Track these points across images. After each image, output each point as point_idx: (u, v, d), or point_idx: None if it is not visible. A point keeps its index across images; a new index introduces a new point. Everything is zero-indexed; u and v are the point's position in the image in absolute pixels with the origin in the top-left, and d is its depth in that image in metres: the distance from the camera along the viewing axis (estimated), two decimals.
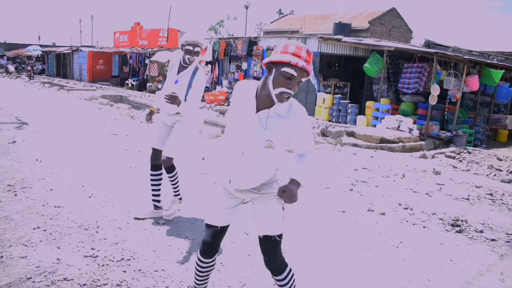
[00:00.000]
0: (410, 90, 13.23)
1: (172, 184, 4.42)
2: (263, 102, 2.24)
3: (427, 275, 3.56)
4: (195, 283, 2.66)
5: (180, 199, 4.51)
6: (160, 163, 4.31)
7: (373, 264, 3.69)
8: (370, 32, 29.87)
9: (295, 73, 2.12)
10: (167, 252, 3.63)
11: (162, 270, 3.31)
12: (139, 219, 4.35)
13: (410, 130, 11.53)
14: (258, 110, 2.25)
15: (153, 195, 4.42)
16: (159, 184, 4.41)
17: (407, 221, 4.89)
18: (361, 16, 32.67)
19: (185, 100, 3.94)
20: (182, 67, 4.10)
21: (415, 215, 5.12)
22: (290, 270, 2.53)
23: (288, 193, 2.18)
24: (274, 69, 2.17)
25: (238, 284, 3.19)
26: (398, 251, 4.03)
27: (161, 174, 4.38)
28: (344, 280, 3.36)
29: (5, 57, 46.07)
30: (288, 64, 2.12)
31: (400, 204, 5.47)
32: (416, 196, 5.96)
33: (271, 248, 2.44)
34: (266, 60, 2.22)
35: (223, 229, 2.51)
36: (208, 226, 2.51)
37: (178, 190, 4.46)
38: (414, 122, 11.92)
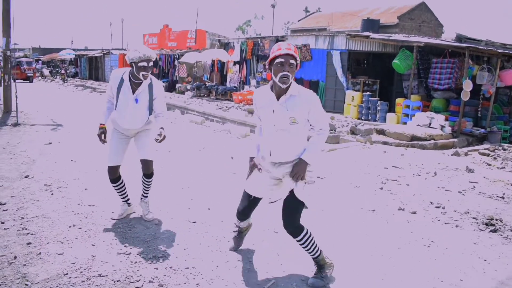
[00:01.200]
0: (442, 86, 12.91)
1: (146, 187, 4.33)
2: (278, 92, 3.03)
3: (460, 275, 3.49)
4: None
5: (146, 199, 4.42)
6: (118, 175, 4.24)
7: (403, 263, 3.65)
8: (400, 27, 29.31)
9: (282, 60, 2.90)
10: (197, 250, 3.69)
11: (193, 268, 3.37)
12: (115, 219, 4.30)
13: (442, 127, 11.26)
14: (277, 98, 3.03)
15: (122, 198, 4.39)
16: (124, 189, 4.35)
17: (439, 220, 4.80)
18: (390, 12, 32.09)
19: (150, 111, 4.08)
20: (135, 84, 3.98)
21: (447, 214, 5.02)
22: (307, 232, 3.14)
23: (296, 171, 3.04)
24: (272, 67, 2.97)
25: (267, 282, 3.21)
26: (429, 250, 3.97)
27: (122, 181, 4.32)
28: (373, 280, 3.34)
29: (40, 62, 47.63)
30: (275, 58, 2.93)
31: (431, 203, 5.37)
32: (449, 195, 5.84)
33: (291, 209, 3.10)
34: (266, 65, 3.09)
35: (256, 200, 3.34)
36: (246, 196, 3.33)
37: (148, 193, 4.38)
38: (446, 119, 11.63)
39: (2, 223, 4.09)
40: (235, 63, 21.80)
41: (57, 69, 44.80)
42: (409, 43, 13.66)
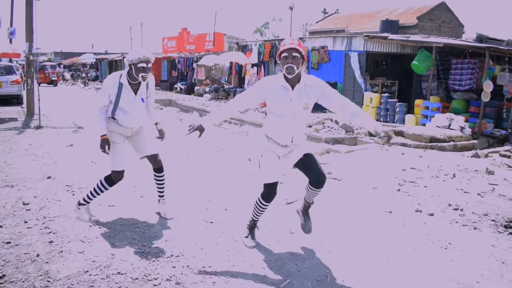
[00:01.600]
0: (463, 87, 12.74)
1: (160, 184, 4.43)
2: (291, 81, 3.38)
3: (477, 277, 3.46)
4: (254, 217, 3.89)
5: (164, 198, 4.55)
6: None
7: (419, 265, 3.63)
8: (419, 28, 28.99)
9: (286, 54, 3.30)
10: (214, 250, 3.75)
11: (209, 267, 3.43)
12: (93, 221, 4.26)
13: (462, 128, 11.10)
14: (292, 88, 3.39)
15: (92, 198, 4.30)
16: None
17: (456, 222, 4.75)
18: (409, 12, 31.75)
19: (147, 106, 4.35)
20: (134, 85, 4.02)
21: (466, 216, 4.97)
22: None
23: (387, 132, 3.38)
24: (280, 62, 3.36)
25: (282, 282, 3.24)
26: (446, 252, 3.94)
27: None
28: (389, 281, 3.34)
29: (61, 65, 48.63)
30: (281, 53, 3.33)
31: (449, 205, 5.32)
32: (467, 197, 5.77)
33: (315, 165, 3.52)
34: (277, 58, 3.42)
35: (277, 183, 3.63)
36: (269, 184, 3.57)
37: (163, 191, 4.49)
38: (466, 120, 11.46)
39: (26, 222, 4.22)
40: (253, 65, 21.90)
41: (78, 73, 45.68)
42: (428, 43, 13.52)
